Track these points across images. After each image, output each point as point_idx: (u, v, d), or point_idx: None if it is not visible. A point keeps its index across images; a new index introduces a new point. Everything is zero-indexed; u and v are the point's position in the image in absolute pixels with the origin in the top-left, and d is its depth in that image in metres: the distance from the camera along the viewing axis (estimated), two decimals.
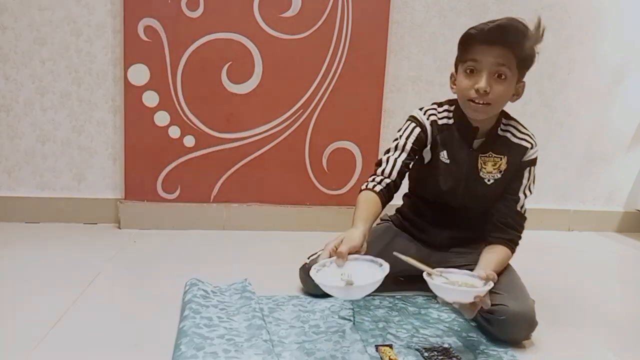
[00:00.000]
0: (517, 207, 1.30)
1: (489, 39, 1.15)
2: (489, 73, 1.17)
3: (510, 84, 1.20)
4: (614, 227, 2.45)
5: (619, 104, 2.34)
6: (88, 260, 1.57)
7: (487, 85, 1.17)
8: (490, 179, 1.29)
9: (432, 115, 1.32)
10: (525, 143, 1.28)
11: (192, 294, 1.25)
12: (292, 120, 1.99)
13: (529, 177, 1.30)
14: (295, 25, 1.93)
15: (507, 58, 1.16)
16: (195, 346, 1.01)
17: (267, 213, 2.03)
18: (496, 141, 1.28)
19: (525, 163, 1.29)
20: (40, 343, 1.06)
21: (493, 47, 1.16)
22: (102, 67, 1.90)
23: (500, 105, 1.23)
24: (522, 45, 1.16)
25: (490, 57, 1.16)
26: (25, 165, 1.93)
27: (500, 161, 1.28)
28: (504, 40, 1.15)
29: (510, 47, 1.15)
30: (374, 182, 1.29)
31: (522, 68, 1.21)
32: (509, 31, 1.15)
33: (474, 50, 1.18)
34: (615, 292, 1.70)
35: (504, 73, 1.17)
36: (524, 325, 1.16)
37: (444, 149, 1.30)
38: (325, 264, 1.02)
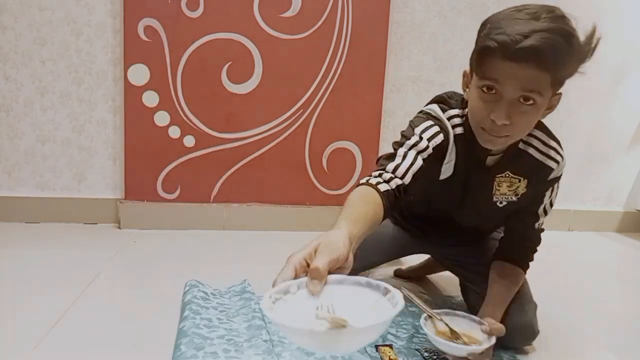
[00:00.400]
0: (536, 225, 1.13)
1: (518, 56, 0.84)
2: (512, 100, 0.89)
3: (539, 109, 0.92)
4: (614, 227, 2.45)
5: (619, 104, 2.34)
6: (88, 260, 1.57)
7: (507, 118, 0.89)
8: (503, 201, 1.08)
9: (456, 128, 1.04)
10: (550, 163, 1.05)
11: (192, 294, 1.25)
12: (292, 120, 1.99)
13: (551, 194, 1.11)
14: (295, 25, 1.93)
15: (540, 81, 0.87)
16: (195, 346, 1.01)
17: (267, 213, 2.03)
18: (515, 158, 1.04)
19: (551, 182, 1.08)
20: (40, 343, 1.06)
21: (522, 65, 0.85)
22: (102, 67, 1.90)
23: (523, 133, 0.99)
24: (564, 65, 0.87)
25: (516, 80, 0.87)
26: (25, 165, 1.93)
27: (518, 183, 1.05)
28: (538, 61, 0.84)
29: (546, 70, 0.86)
30: (380, 179, 0.95)
31: (559, 85, 0.93)
32: (547, 47, 0.82)
33: (495, 66, 0.88)
34: (615, 292, 1.70)
35: (532, 98, 0.89)
36: (524, 337, 1.14)
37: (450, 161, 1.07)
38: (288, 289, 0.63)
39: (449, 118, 1.04)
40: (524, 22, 0.84)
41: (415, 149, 0.99)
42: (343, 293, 0.63)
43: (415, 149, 0.99)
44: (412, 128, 1.03)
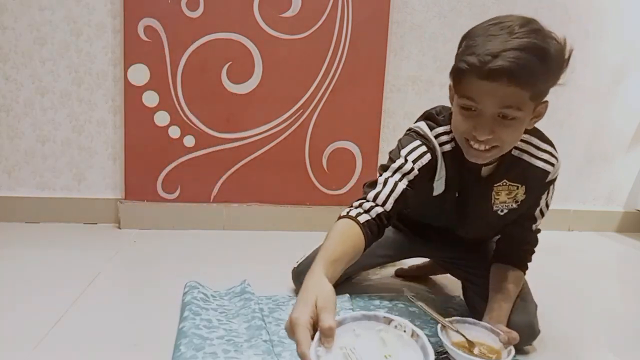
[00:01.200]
0: (533, 227, 1.14)
1: (490, 76, 0.85)
2: (492, 116, 0.90)
3: (522, 122, 0.92)
4: (614, 227, 2.45)
5: (619, 104, 2.34)
6: (88, 260, 1.57)
7: (490, 133, 0.91)
8: (504, 209, 1.09)
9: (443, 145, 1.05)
10: (546, 166, 1.07)
11: (192, 295, 1.25)
12: (292, 120, 1.99)
13: (546, 197, 1.12)
14: (295, 25, 1.93)
15: (517, 97, 0.87)
16: (195, 347, 1.01)
17: (267, 213, 2.03)
18: (510, 166, 1.05)
19: (547, 184, 1.10)
20: (40, 343, 1.06)
21: (495, 84, 0.85)
22: (102, 67, 1.90)
23: (511, 144, 0.98)
24: (539, 81, 0.88)
25: (492, 97, 0.87)
26: (25, 165, 1.93)
27: (516, 190, 1.06)
28: (511, 80, 0.84)
29: (520, 87, 0.86)
30: (360, 209, 0.98)
31: (539, 98, 0.93)
32: (517, 66, 0.83)
33: (470, 86, 0.88)
34: (615, 292, 1.70)
35: (510, 115, 0.89)
36: (525, 337, 1.11)
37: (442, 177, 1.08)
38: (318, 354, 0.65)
39: (437, 136, 1.05)
40: (496, 39, 0.86)
41: (399, 172, 1.01)
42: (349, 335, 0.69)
43: (400, 172, 1.01)
44: (399, 150, 1.04)
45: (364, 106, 2.03)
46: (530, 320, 1.13)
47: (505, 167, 1.05)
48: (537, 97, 0.91)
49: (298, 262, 1.39)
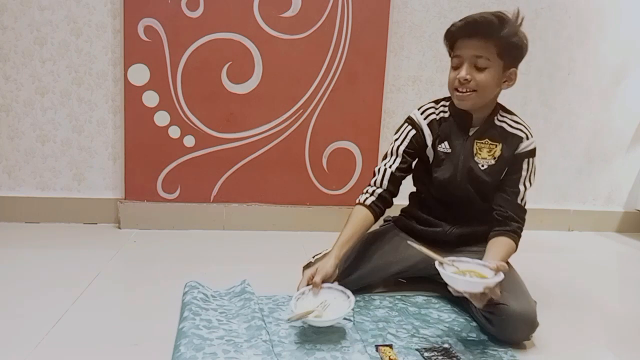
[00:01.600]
0: (518, 199, 1.31)
1: (465, 32, 1.22)
2: (469, 64, 1.23)
3: (494, 72, 1.23)
4: (614, 227, 2.45)
5: (619, 104, 2.34)
6: (88, 260, 1.57)
7: (467, 74, 1.22)
8: (485, 164, 1.31)
9: (431, 114, 1.37)
10: (519, 133, 1.31)
11: (192, 295, 1.25)
12: (292, 120, 1.99)
13: (527, 169, 1.31)
14: (295, 25, 1.93)
15: (485, 49, 1.21)
16: (195, 347, 1.01)
17: (267, 213, 2.03)
18: (492, 129, 1.32)
19: (523, 155, 1.31)
20: (40, 343, 1.06)
21: (471, 39, 1.22)
22: (102, 67, 1.90)
23: (487, 91, 1.26)
24: (499, 34, 1.19)
25: (468, 49, 1.22)
26: (25, 165, 1.93)
27: (495, 148, 1.31)
28: (478, 31, 1.20)
29: (486, 38, 1.20)
30: (367, 194, 1.37)
31: (506, 56, 1.22)
32: (483, 23, 1.20)
33: (456, 46, 1.26)
34: (615, 292, 1.70)
35: (482, 64, 1.22)
36: (525, 326, 1.16)
37: (445, 140, 1.34)
38: (304, 291, 1.17)
39: (433, 108, 1.37)
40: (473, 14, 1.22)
41: (392, 156, 1.38)
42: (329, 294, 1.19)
43: (392, 156, 1.38)
44: (395, 134, 1.40)
45: (364, 106, 2.03)
46: (532, 308, 1.16)
47: (488, 128, 1.32)
48: (503, 55, 1.21)
49: (315, 258, 1.41)
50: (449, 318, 1.30)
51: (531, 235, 2.20)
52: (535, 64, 2.21)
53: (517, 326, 1.15)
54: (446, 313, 1.33)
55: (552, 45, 2.21)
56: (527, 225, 1.35)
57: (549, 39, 2.21)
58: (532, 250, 2.03)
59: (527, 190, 1.32)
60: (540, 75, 2.22)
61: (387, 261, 1.40)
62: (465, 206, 1.37)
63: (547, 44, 2.21)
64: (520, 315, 1.14)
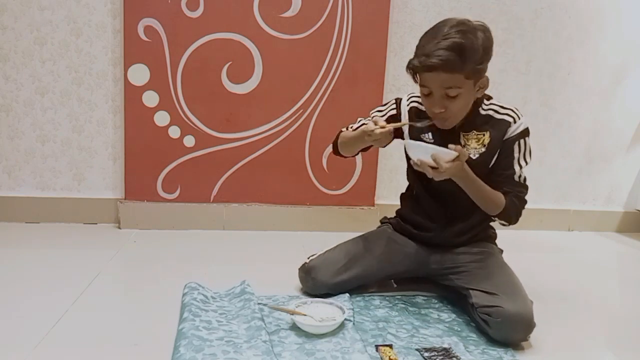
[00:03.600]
0: (515, 178, 1.30)
1: (431, 69, 1.16)
2: (440, 95, 1.19)
3: (466, 94, 1.20)
4: (614, 227, 2.45)
5: (619, 104, 2.34)
6: (88, 260, 1.57)
7: (441, 107, 1.20)
8: (476, 153, 1.29)
9: (414, 101, 1.37)
10: (507, 118, 1.28)
11: (192, 296, 1.25)
12: (292, 120, 1.99)
13: (519, 150, 1.29)
14: (295, 25, 1.93)
15: (453, 79, 1.16)
16: (195, 348, 1.01)
17: (267, 213, 2.03)
18: (478, 119, 1.30)
19: (512, 139, 1.28)
20: (40, 343, 1.06)
21: (435, 74, 1.16)
22: (102, 67, 1.90)
23: (464, 111, 1.25)
24: (463, 66, 1.15)
25: (436, 84, 1.18)
26: (25, 165, 1.93)
27: (483, 137, 1.29)
28: (444, 70, 1.15)
29: (452, 72, 1.15)
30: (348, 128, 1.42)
31: (475, 76, 1.19)
32: (443, 65, 1.14)
33: (422, 77, 1.21)
34: (615, 292, 1.70)
35: (453, 93, 1.18)
36: (521, 327, 1.16)
37: (428, 131, 1.32)
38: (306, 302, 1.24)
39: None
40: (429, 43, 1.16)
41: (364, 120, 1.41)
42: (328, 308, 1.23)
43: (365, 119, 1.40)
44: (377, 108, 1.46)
45: (364, 106, 2.02)
46: (526, 311, 1.16)
47: (474, 119, 1.30)
48: (472, 75, 1.18)
49: (310, 259, 1.40)
50: (449, 318, 1.30)
51: (531, 235, 2.22)
52: (535, 64, 2.21)
53: (513, 327, 1.15)
54: (446, 313, 1.33)
55: (552, 45, 2.21)
56: (527, 225, 1.36)
57: (549, 39, 2.21)
58: (532, 250, 2.03)
59: (523, 168, 1.30)
60: (540, 75, 2.22)
61: (382, 264, 1.40)
62: (458, 200, 1.32)
63: (547, 44, 2.21)
64: (516, 317, 1.14)
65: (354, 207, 2.08)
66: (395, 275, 1.46)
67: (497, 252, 1.41)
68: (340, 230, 1.92)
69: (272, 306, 1.25)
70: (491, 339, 1.18)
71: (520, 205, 1.30)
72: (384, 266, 1.41)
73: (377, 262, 1.40)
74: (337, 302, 1.24)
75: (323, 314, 1.18)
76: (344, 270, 1.36)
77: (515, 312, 1.14)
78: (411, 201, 1.46)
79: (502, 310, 1.14)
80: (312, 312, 1.18)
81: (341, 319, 1.16)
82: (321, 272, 1.35)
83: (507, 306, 1.15)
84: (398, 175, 2.15)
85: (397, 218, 1.50)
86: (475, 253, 1.37)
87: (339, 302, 1.25)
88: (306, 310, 1.19)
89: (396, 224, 1.49)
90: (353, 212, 2.08)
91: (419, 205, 1.43)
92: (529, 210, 1.34)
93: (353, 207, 2.09)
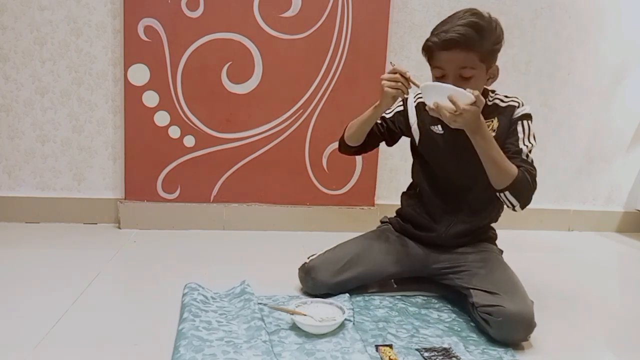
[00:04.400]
0: (523, 156, 1.27)
1: (447, 46, 1.19)
2: (455, 76, 1.21)
3: (479, 77, 1.22)
4: (614, 227, 2.45)
5: (619, 104, 2.34)
6: (88, 260, 1.57)
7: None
8: None
9: (420, 98, 1.39)
10: (513, 103, 1.32)
11: (192, 297, 1.25)
12: (292, 120, 1.99)
13: (523, 131, 1.29)
14: (295, 25, 1.93)
15: (468, 59, 1.19)
16: (194, 348, 1.01)
17: (267, 213, 2.03)
18: (485, 109, 1.26)
19: (517, 119, 1.30)
20: (40, 343, 1.06)
21: (452, 52, 1.19)
22: (102, 67, 1.90)
23: None
24: (481, 44, 1.19)
25: (451, 63, 1.20)
26: (25, 165, 1.93)
27: (492, 123, 1.30)
28: (460, 45, 1.18)
29: (468, 50, 1.18)
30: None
31: (488, 59, 1.22)
32: (461, 41, 1.18)
33: (436, 58, 1.23)
34: (615, 292, 1.70)
35: (467, 73, 1.21)
36: (522, 327, 1.16)
37: (437, 123, 1.33)
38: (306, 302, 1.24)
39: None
40: (449, 23, 1.21)
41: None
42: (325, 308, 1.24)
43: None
44: None
45: (364, 106, 2.02)
46: (527, 311, 1.16)
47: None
48: (485, 59, 1.21)
49: (310, 259, 1.40)
50: (449, 318, 1.30)
51: (531, 235, 2.22)
52: (535, 64, 2.21)
53: (514, 327, 1.15)
54: (446, 313, 1.33)
55: (552, 45, 2.21)
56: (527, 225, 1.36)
57: (549, 39, 2.21)
58: (532, 250, 2.03)
59: (529, 148, 1.28)
60: (540, 75, 2.22)
61: (383, 264, 1.40)
62: (463, 194, 1.34)
63: (547, 44, 2.21)
64: (517, 316, 1.14)
65: (354, 207, 2.08)
66: (396, 275, 1.45)
67: (498, 253, 1.41)
68: (340, 230, 1.92)
69: (272, 306, 1.25)
70: (491, 339, 1.18)
71: (532, 183, 1.24)
72: (384, 266, 1.41)
73: (377, 263, 1.40)
74: (337, 302, 1.24)
75: (323, 314, 1.18)
76: (344, 270, 1.36)
77: (516, 312, 1.14)
78: (413, 200, 1.46)
79: (502, 309, 1.15)
80: (312, 312, 1.18)
81: (341, 319, 1.16)
82: (321, 272, 1.35)
83: (508, 305, 1.15)
84: (398, 175, 2.15)
85: (397, 218, 1.50)
86: (475, 253, 1.37)
87: (339, 302, 1.25)
88: (306, 310, 1.19)
89: (396, 223, 1.49)
90: (353, 212, 2.08)
91: (421, 204, 1.43)
92: (529, 210, 1.34)
93: (353, 207, 2.09)
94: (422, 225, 1.42)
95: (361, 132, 1.40)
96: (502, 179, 1.22)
